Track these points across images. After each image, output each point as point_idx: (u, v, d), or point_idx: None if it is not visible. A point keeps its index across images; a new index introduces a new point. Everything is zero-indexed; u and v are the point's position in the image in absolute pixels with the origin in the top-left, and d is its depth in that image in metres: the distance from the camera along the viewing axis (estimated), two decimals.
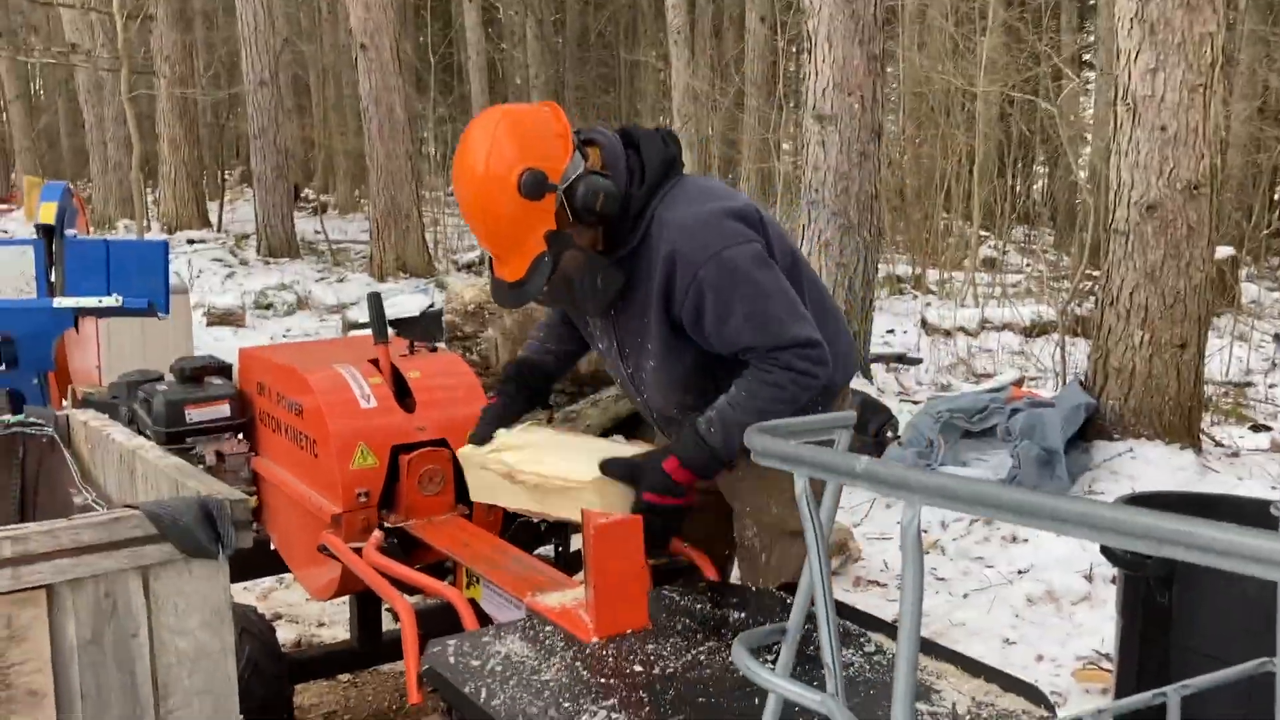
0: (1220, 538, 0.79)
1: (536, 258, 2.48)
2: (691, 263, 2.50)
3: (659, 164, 2.59)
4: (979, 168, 13.48)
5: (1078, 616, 4.27)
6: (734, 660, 1.32)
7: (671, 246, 2.51)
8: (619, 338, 2.74)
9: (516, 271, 2.52)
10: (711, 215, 2.55)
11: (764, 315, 2.52)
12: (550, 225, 2.47)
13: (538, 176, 2.41)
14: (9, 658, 1.83)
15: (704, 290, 2.50)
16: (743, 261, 2.51)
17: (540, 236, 2.47)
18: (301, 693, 3.65)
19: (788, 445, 1.20)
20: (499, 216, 2.47)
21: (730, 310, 2.51)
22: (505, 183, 2.42)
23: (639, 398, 2.86)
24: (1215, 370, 7.94)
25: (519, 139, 2.46)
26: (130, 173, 18.78)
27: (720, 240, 2.51)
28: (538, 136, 2.48)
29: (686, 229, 2.52)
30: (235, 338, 10.92)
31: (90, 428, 2.85)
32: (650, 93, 23.68)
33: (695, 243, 2.50)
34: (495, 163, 2.44)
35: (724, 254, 2.50)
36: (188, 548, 1.97)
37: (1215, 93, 5.62)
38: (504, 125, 2.48)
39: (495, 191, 2.44)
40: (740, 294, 2.50)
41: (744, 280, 2.51)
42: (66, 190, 5.25)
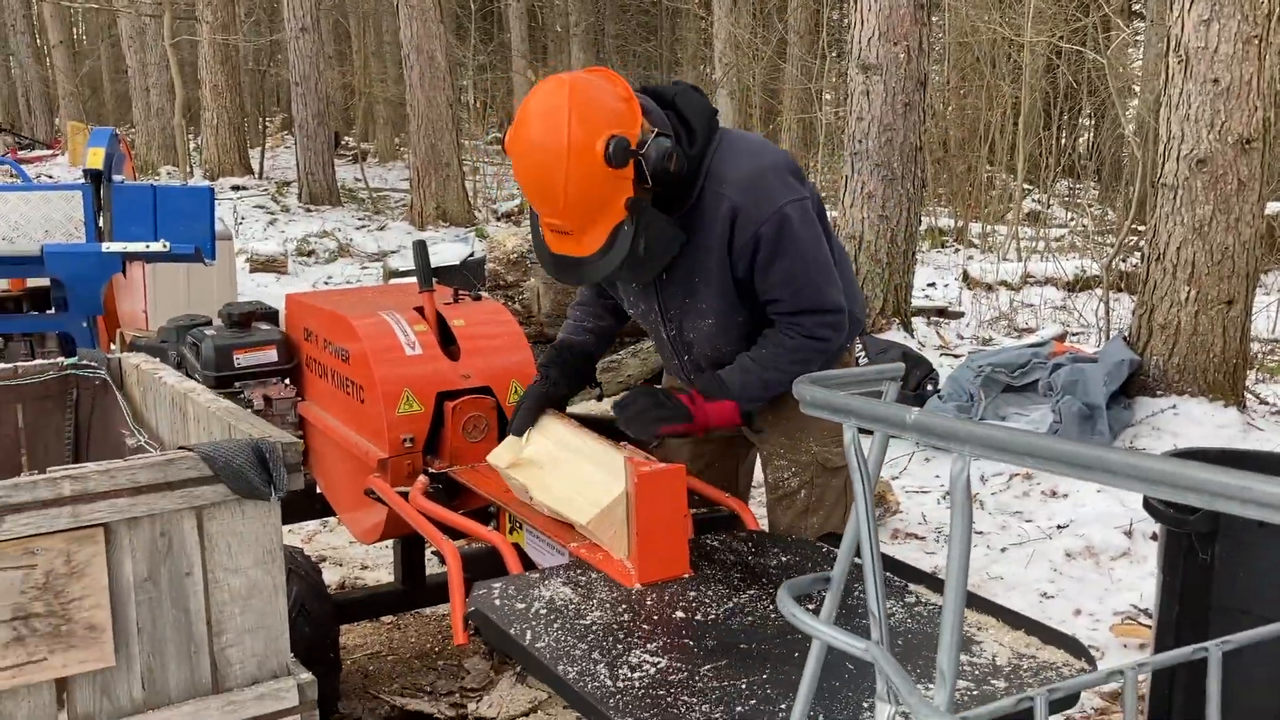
0: (1275, 492, 0.79)
1: (616, 227, 2.44)
2: (753, 219, 2.54)
3: (704, 121, 2.59)
4: (1024, 120, 13.30)
5: (1116, 572, 4.27)
6: (779, 607, 1.33)
7: (733, 203, 2.53)
8: (662, 300, 2.76)
9: (594, 243, 2.47)
10: (769, 171, 2.59)
11: (803, 276, 2.60)
12: (630, 192, 2.43)
13: (623, 143, 2.36)
14: (69, 593, 1.89)
15: (759, 243, 2.55)
16: (797, 218, 2.57)
17: (621, 205, 2.43)
18: (346, 633, 3.72)
19: (839, 396, 1.21)
20: (581, 188, 2.39)
21: (773, 263, 2.57)
22: (590, 152, 2.35)
23: (677, 359, 2.88)
24: (1261, 327, 7.85)
25: (597, 106, 2.40)
26: (173, 119, 18.91)
27: (779, 197, 2.55)
28: (608, 103, 2.43)
29: (745, 186, 2.55)
30: (278, 284, 11.01)
31: (142, 371, 2.90)
32: (691, 41, 23.45)
33: (755, 197, 2.54)
34: (577, 132, 2.36)
35: (785, 210, 2.55)
36: (241, 489, 2.00)
37: (1270, 44, 5.51)
38: (575, 93, 2.40)
39: (578, 162, 2.36)
40: (787, 250, 2.57)
41: (794, 237, 2.56)
42: (114, 136, 5.30)
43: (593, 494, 2.47)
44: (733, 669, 1.98)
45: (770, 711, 1.83)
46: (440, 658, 3.69)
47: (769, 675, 1.95)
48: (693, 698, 1.87)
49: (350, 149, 23.09)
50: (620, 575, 2.35)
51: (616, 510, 2.40)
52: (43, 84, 27.91)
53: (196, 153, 20.44)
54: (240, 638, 2.08)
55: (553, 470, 2.65)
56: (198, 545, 2.01)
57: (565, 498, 2.55)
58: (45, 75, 27.91)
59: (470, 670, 3.57)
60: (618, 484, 2.41)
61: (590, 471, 2.55)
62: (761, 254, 2.56)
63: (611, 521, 2.41)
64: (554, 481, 2.62)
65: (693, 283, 2.65)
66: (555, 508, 2.56)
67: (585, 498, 2.48)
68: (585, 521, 2.43)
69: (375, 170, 21.13)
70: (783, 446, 2.89)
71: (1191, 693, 2.53)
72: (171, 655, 2.01)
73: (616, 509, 2.40)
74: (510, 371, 3.17)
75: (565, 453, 2.68)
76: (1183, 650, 1.38)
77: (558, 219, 2.47)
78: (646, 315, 2.85)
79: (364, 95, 25.15)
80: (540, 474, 2.67)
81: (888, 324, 7.54)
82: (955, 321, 9.02)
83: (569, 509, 2.51)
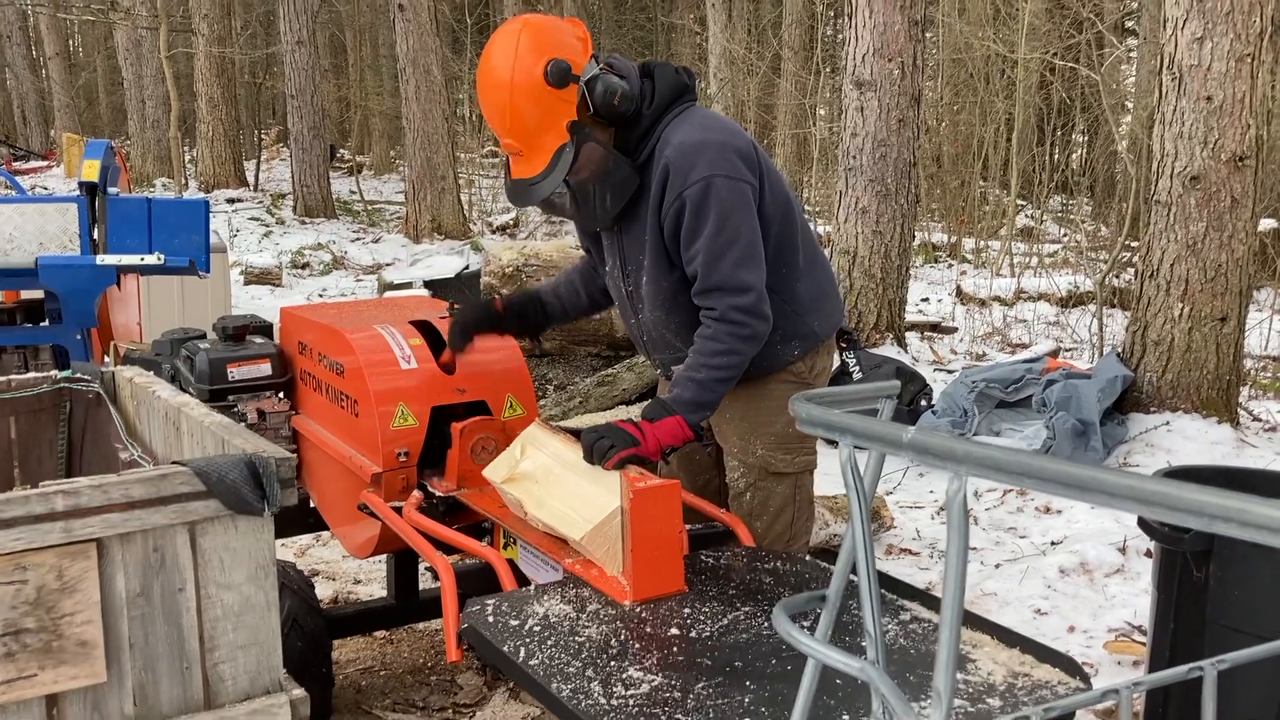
0: (1274, 515, 0.79)
1: (558, 149, 2.62)
2: (682, 180, 2.65)
3: (669, 89, 2.75)
4: (1018, 136, 13.34)
5: (1110, 589, 4.27)
6: (774, 625, 1.33)
7: (667, 161, 2.66)
8: (623, 254, 2.88)
9: (537, 166, 2.65)
10: (713, 144, 2.68)
11: (720, 252, 2.66)
12: (572, 116, 2.62)
13: (562, 65, 2.58)
14: (61, 608, 1.88)
15: (684, 208, 2.65)
16: (726, 195, 2.64)
17: (563, 128, 2.62)
18: (339, 648, 3.71)
19: (834, 414, 1.21)
20: (524, 108, 2.60)
21: (696, 235, 2.67)
22: (531, 73, 2.58)
23: (633, 319, 3.00)
24: (1255, 344, 7.86)
25: (543, 36, 2.63)
26: (168, 131, 18.89)
27: (712, 168, 2.64)
28: (559, 36, 2.66)
29: (685, 148, 2.66)
30: (272, 297, 11.00)
31: (136, 384, 2.89)
32: (687, 56, 23.51)
33: (690, 162, 2.65)
34: (522, 57, 2.59)
35: (714, 181, 2.64)
36: (234, 504, 2.00)
37: (1263, 63, 5.54)
38: (528, 27, 2.65)
39: (521, 82, 2.58)
40: (710, 223, 2.65)
41: (718, 213, 2.64)
42: (109, 148, 5.29)
43: (587, 510, 2.46)
44: (727, 687, 1.97)
45: None
46: (433, 673, 3.68)
47: (764, 693, 1.95)
48: (687, 716, 1.87)
49: (346, 162, 23.09)
50: (615, 592, 2.35)
51: (610, 526, 2.39)
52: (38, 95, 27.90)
53: (192, 165, 20.43)
54: (233, 654, 2.07)
55: (547, 485, 2.65)
56: (190, 561, 2.00)
57: (560, 513, 2.54)
58: (41, 87, 27.91)
59: (463, 686, 3.56)
60: (612, 500, 2.40)
61: (585, 487, 2.55)
62: (685, 220, 2.67)
63: (606, 537, 2.40)
64: (548, 496, 2.61)
65: (641, 240, 2.79)
66: (550, 523, 2.56)
67: (580, 513, 2.48)
68: (579, 537, 2.42)
69: (370, 183, 21.15)
70: (735, 445, 3.00)
71: (1186, 711, 2.52)
72: (164, 671, 2.00)
73: (611, 524, 2.39)
74: (505, 384, 3.16)
75: (560, 468, 2.67)
76: (1178, 669, 1.38)
77: (508, 138, 2.67)
78: (611, 272, 2.97)
79: (359, 108, 25.17)
80: (535, 489, 2.66)
81: (881, 339, 7.55)
82: (949, 337, 9.04)
83: (563, 524, 2.50)
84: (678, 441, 2.67)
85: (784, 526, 2.99)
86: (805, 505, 3.04)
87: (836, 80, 10.31)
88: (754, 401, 2.92)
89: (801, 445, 2.94)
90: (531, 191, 2.69)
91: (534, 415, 3.19)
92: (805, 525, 3.05)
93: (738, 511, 2.98)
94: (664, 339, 2.93)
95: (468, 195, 17.19)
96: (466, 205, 16.52)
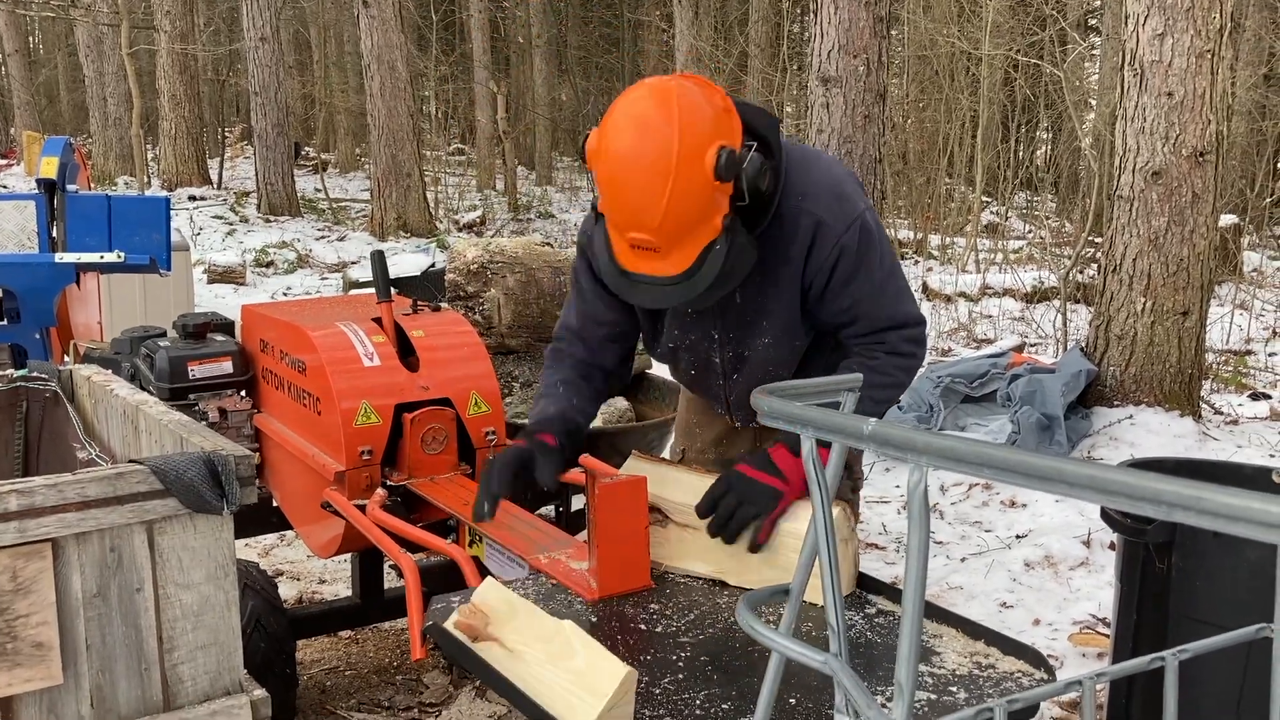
0: (1230, 502, 0.79)
1: (708, 246, 2.24)
2: (835, 230, 2.40)
3: (774, 132, 2.39)
4: (982, 132, 13.43)
5: (1075, 582, 4.29)
6: (738, 619, 1.33)
7: (816, 217, 2.39)
8: (723, 321, 2.58)
9: (683, 262, 2.25)
10: (845, 180, 2.48)
11: (883, 288, 2.48)
12: (727, 209, 2.24)
13: (734, 155, 2.17)
14: (15, 610, 1.85)
15: (841, 256, 2.40)
16: (874, 227, 2.46)
17: (717, 222, 2.23)
18: (304, 648, 3.68)
19: (795, 406, 1.20)
20: (684, 203, 2.17)
21: (854, 278, 2.43)
22: (699, 163, 2.15)
23: (719, 382, 2.71)
24: (1216, 338, 7.95)
25: (703, 115, 2.20)
26: (130, 129, 18.71)
27: (856, 207, 2.43)
28: (713, 111, 2.22)
29: (824, 198, 2.40)
30: (236, 295, 10.92)
31: (93, 383, 2.86)
32: (654, 53, 23.53)
33: (836, 209, 2.40)
34: (689, 141, 2.15)
35: (864, 219, 2.43)
36: (192, 503, 1.97)
37: (1223, 59, 5.59)
38: (684, 100, 2.20)
39: (685, 174, 2.15)
40: (867, 260, 2.43)
41: (873, 247, 2.44)
42: (68, 145, 5.22)
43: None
44: (692, 681, 1.96)
45: None
46: (399, 673, 3.65)
47: (729, 688, 1.94)
48: (652, 711, 1.86)
49: (310, 159, 22.96)
50: (581, 588, 2.33)
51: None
52: None
53: (155, 163, 20.26)
54: (192, 654, 2.04)
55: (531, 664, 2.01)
56: (148, 560, 1.98)
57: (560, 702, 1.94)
58: (1, 85, 27.58)
59: (429, 685, 3.54)
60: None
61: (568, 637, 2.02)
62: (841, 267, 2.41)
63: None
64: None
65: (761, 301, 2.50)
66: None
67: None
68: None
69: (335, 181, 21.04)
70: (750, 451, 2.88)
71: (1149, 701, 2.54)
72: (121, 673, 1.98)
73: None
74: (470, 382, 3.15)
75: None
76: (1140, 660, 1.38)
77: (649, 235, 2.23)
78: (696, 341, 2.64)
79: (324, 105, 25.05)
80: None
81: None
82: None
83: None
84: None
85: None
86: None
87: (803, 77, 10.35)
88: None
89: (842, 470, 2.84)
90: (668, 293, 2.30)
91: (499, 413, 3.18)
92: None
93: None
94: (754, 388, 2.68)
95: (433, 193, 17.13)
96: (432, 202, 16.46)
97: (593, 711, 1.72)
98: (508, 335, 5.96)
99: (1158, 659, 1.38)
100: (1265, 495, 0.79)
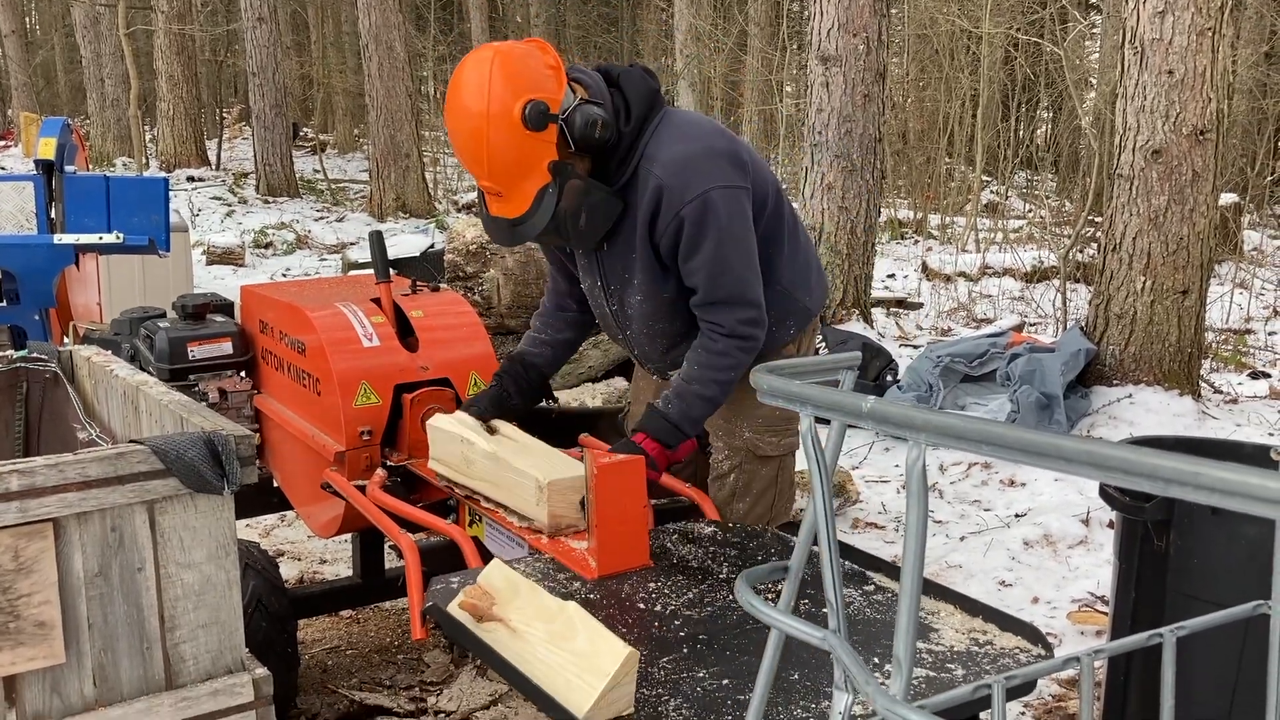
0: (1227, 478, 0.79)
1: (540, 190, 2.53)
2: (678, 199, 2.57)
3: (642, 99, 2.65)
4: (982, 111, 13.38)
5: (1074, 560, 4.31)
6: (737, 596, 1.33)
7: (660, 181, 2.58)
8: (604, 273, 2.80)
9: (519, 207, 2.55)
10: (702, 153, 2.62)
11: (722, 265, 2.62)
12: (552, 156, 2.52)
13: (540, 107, 2.46)
14: (17, 589, 1.85)
15: (683, 225, 2.58)
16: (723, 205, 2.59)
17: (544, 169, 2.52)
18: (305, 628, 3.69)
19: (794, 385, 1.20)
20: (502, 151, 2.49)
21: (696, 249, 2.61)
22: (508, 116, 2.46)
23: (621, 335, 2.94)
24: (1216, 317, 7.94)
25: (516, 73, 2.49)
26: (128, 110, 18.66)
27: (706, 180, 2.58)
28: (531, 70, 2.52)
29: (676, 165, 2.59)
30: (235, 276, 10.90)
31: (93, 363, 2.86)
32: (652, 33, 23.41)
33: (683, 179, 2.57)
34: (497, 97, 2.46)
35: (709, 194, 2.57)
36: (193, 483, 1.97)
37: (1224, 37, 5.57)
38: (499, 61, 2.50)
39: (498, 126, 2.46)
40: (710, 237, 2.59)
41: (718, 227, 2.59)
42: (66, 126, 5.21)
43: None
44: (691, 660, 1.97)
45: (729, 701, 1.83)
46: (400, 652, 3.67)
47: (728, 665, 1.95)
48: (651, 689, 1.86)
49: (309, 140, 22.90)
50: (580, 567, 2.34)
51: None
52: None
53: (153, 144, 20.21)
54: (194, 633, 2.05)
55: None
56: (149, 540, 1.98)
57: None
58: None
59: (430, 664, 3.55)
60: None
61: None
62: (684, 237, 2.60)
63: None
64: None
65: (629, 258, 2.72)
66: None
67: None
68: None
69: (334, 161, 20.98)
70: (720, 429, 2.98)
71: (1147, 678, 2.55)
72: (123, 652, 1.98)
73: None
74: (469, 363, 3.15)
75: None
76: (1138, 636, 1.39)
77: (486, 180, 2.57)
78: (592, 290, 2.90)
79: (322, 86, 24.97)
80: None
81: (847, 315, 7.57)
82: (914, 312, 9.07)
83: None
84: (688, 455, 2.67)
85: (765, 508, 2.98)
86: (786, 487, 3.04)
87: (803, 56, 10.31)
88: (742, 384, 2.90)
89: (787, 428, 2.93)
90: (514, 233, 2.61)
91: None
92: (785, 507, 3.05)
93: (720, 493, 2.97)
94: (659, 349, 2.88)
95: (432, 173, 17.09)
96: (431, 183, 16.42)
97: (594, 692, 1.75)
98: (507, 315, 5.96)
99: (1156, 635, 1.38)
100: (1263, 470, 0.79)
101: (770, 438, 2.94)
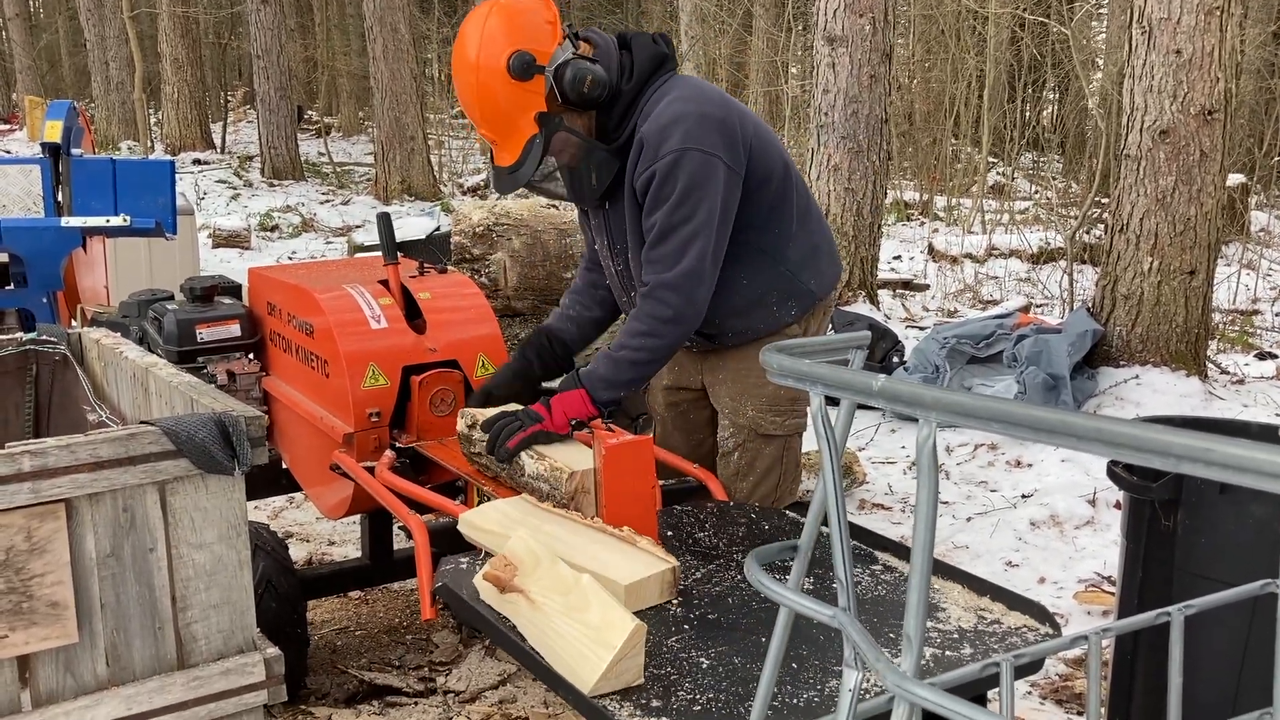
0: (1239, 454, 0.79)
1: (529, 140, 2.59)
2: (654, 153, 2.59)
3: (648, 61, 2.70)
4: (989, 92, 13.33)
5: (1080, 540, 4.31)
6: (747, 574, 1.34)
7: (642, 135, 2.62)
8: (609, 232, 2.84)
9: (511, 155, 2.62)
10: (692, 115, 2.61)
11: (673, 227, 2.60)
12: (540, 107, 2.58)
13: (525, 58, 2.54)
14: (30, 569, 1.86)
15: (652, 179, 2.60)
16: (694, 169, 2.58)
17: (531, 119, 2.58)
18: (314, 609, 3.71)
19: (804, 364, 1.21)
20: (492, 100, 2.58)
21: (657, 206, 2.61)
22: (496, 66, 2.54)
23: (625, 297, 2.94)
24: (1223, 298, 7.93)
25: (507, 25, 2.57)
26: (133, 93, 18.66)
27: (686, 140, 2.58)
28: (526, 22, 2.59)
29: (662, 121, 2.61)
30: (241, 259, 10.92)
31: (103, 346, 2.86)
32: (657, 14, 23.33)
33: (664, 135, 2.59)
34: (487, 47, 2.55)
35: (685, 154, 2.57)
36: (203, 463, 1.98)
37: (1232, 16, 5.54)
38: (495, 14, 2.58)
39: (487, 75, 2.56)
40: (673, 197, 2.59)
41: (683, 187, 2.58)
42: (72, 109, 5.21)
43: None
44: (700, 639, 1.98)
45: (738, 679, 1.84)
46: (409, 632, 3.68)
47: (737, 644, 1.96)
48: (660, 668, 1.87)
49: (314, 123, 22.87)
50: None
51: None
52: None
53: (157, 127, 20.19)
54: (205, 613, 2.06)
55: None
56: (161, 520, 1.99)
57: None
58: (2, 49, 27.46)
59: (439, 644, 3.56)
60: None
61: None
62: (651, 191, 2.62)
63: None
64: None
65: (619, 214, 2.76)
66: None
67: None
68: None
69: (339, 144, 20.97)
70: (726, 407, 2.98)
71: (1154, 657, 2.56)
72: (135, 631, 1.99)
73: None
74: (477, 344, 3.15)
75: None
76: (1146, 615, 1.39)
77: (480, 128, 2.66)
78: (602, 250, 2.93)
79: (327, 68, 24.91)
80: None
81: (854, 297, 7.56)
82: (920, 294, 9.07)
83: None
84: (582, 416, 2.59)
85: (770, 488, 2.98)
86: (792, 468, 3.04)
87: (808, 38, 10.26)
88: (747, 363, 2.91)
89: (792, 408, 2.93)
90: (506, 180, 2.68)
91: None
92: (791, 487, 3.05)
93: (725, 471, 2.98)
94: None
95: (437, 156, 17.07)
96: (436, 166, 16.41)
97: (601, 663, 1.76)
98: (514, 297, 5.95)
99: (1163, 614, 1.39)
100: (1275, 446, 0.79)
101: (774, 417, 2.93)
